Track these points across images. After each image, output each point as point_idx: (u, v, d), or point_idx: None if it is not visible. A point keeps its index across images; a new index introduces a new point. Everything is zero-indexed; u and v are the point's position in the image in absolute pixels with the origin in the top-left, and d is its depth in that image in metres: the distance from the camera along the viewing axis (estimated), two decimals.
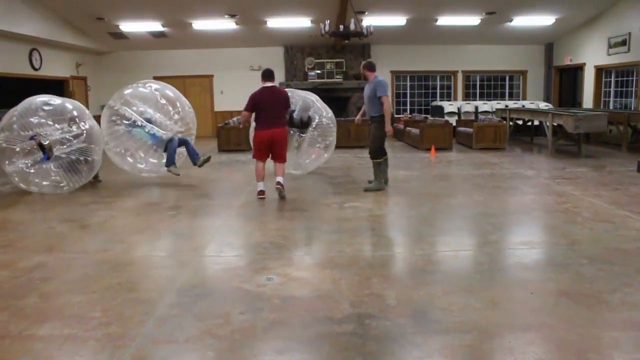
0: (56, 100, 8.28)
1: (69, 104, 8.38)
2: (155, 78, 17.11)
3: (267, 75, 7.38)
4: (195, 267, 4.65)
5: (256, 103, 7.23)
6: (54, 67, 14.54)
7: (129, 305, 3.84)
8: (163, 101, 8.88)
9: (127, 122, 8.64)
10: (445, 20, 14.72)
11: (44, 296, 4.03)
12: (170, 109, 8.89)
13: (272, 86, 7.33)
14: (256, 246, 5.18)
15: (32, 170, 7.94)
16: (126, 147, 8.74)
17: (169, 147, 8.69)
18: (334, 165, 10.48)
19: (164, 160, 8.78)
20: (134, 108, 8.73)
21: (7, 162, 7.96)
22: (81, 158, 8.06)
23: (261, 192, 7.42)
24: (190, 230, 6.04)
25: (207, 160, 8.88)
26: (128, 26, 14.83)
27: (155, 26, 14.97)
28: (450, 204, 6.94)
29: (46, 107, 8.06)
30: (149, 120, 8.69)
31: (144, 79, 16.89)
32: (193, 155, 8.84)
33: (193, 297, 3.91)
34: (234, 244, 5.36)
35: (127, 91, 9.01)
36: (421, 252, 4.89)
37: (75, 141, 8.00)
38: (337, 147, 13.05)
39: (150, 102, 8.85)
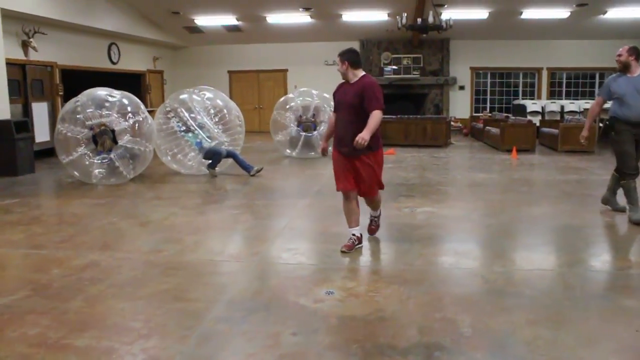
0: (116, 93, 8.34)
1: (126, 98, 8.44)
2: (230, 72, 17.23)
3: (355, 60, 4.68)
4: (250, 275, 4.28)
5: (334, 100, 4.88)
6: (132, 61, 14.75)
7: (173, 316, 3.51)
8: (212, 110, 9.20)
9: (180, 124, 8.86)
10: (531, 13, 13.74)
11: (90, 300, 3.78)
12: (216, 119, 9.22)
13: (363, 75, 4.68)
14: (318, 253, 4.76)
15: (95, 161, 7.98)
16: (170, 148, 8.95)
17: (214, 156, 8.86)
18: (407, 165, 9.92)
19: (204, 160, 8.97)
20: (188, 114, 8.96)
21: (64, 155, 8.05)
22: (135, 149, 8.19)
23: (350, 245, 4.74)
24: (250, 231, 5.70)
25: (260, 170, 8.92)
26: (203, 20, 14.82)
27: (230, 20, 14.89)
28: (533, 213, 6.26)
29: (110, 99, 8.13)
30: (200, 127, 8.93)
31: (218, 73, 17.11)
32: (245, 166, 8.90)
33: (244, 311, 3.52)
34: (295, 249, 4.95)
35: (182, 96, 9.17)
36: (501, 269, 4.30)
37: (128, 134, 8.09)
38: (413, 145, 12.60)
39: (201, 109, 9.09)
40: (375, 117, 4.47)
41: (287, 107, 11.11)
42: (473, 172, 9.37)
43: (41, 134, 11.10)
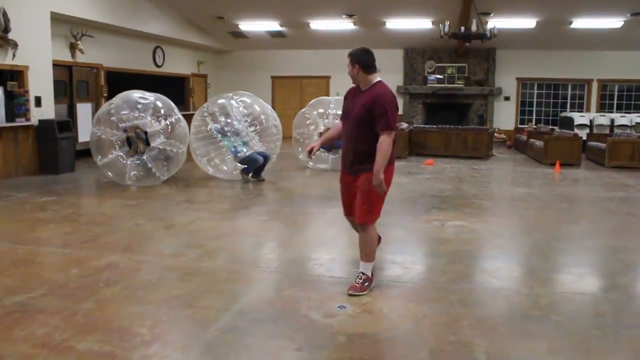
0: (149, 96, 8.41)
1: (159, 101, 8.49)
2: (273, 78, 17.27)
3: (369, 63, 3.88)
4: (265, 284, 4.18)
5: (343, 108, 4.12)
6: (176, 64, 14.96)
7: (180, 323, 3.43)
8: (248, 118, 9.10)
9: (217, 127, 8.80)
10: (581, 22, 13.23)
11: (101, 302, 3.74)
12: (253, 127, 9.12)
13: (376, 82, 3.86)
14: (339, 265, 4.61)
15: (127, 162, 8.08)
16: (207, 152, 8.90)
17: (250, 163, 8.74)
18: (445, 176, 9.65)
19: (239, 164, 8.84)
20: (225, 119, 8.91)
21: (100, 156, 8.17)
22: (168, 150, 8.24)
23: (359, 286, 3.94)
24: (274, 239, 5.62)
25: (258, 180, 8.82)
26: (247, 25, 14.90)
27: (274, 25, 14.92)
28: (571, 231, 5.94)
29: (142, 101, 8.22)
30: (236, 133, 8.85)
31: (261, 78, 17.17)
32: (259, 168, 8.81)
33: (251, 322, 3.41)
34: (316, 260, 4.83)
35: (220, 100, 9.14)
36: (528, 290, 4.05)
37: (161, 136, 8.16)
38: (453, 156, 12.30)
39: (239, 115, 9.02)
40: (384, 147, 3.66)
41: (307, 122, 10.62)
42: (512, 186, 9.04)
43: (84, 134, 11.32)
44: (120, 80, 12.23)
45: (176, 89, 15.25)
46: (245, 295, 3.91)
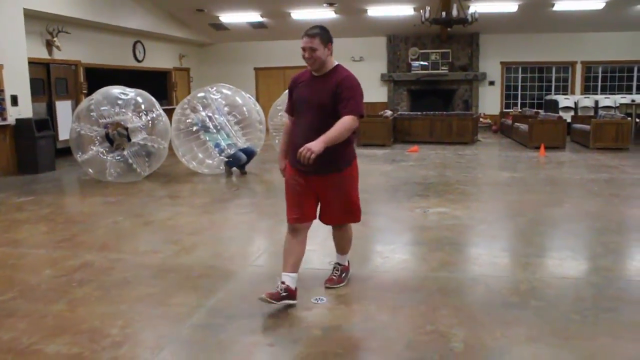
0: (129, 91, 8.25)
1: (140, 96, 8.35)
2: (256, 69, 17.10)
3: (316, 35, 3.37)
4: (242, 279, 4.09)
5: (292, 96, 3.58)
6: (157, 58, 14.76)
7: (152, 322, 3.35)
8: (226, 109, 8.90)
9: (199, 121, 8.61)
10: (563, 4, 13.15)
11: (72, 303, 3.64)
12: (231, 118, 8.90)
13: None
14: (318, 256, 4.52)
15: (108, 158, 7.94)
16: (190, 149, 8.73)
17: (234, 160, 8.59)
18: (429, 163, 9.59)
19: (224, 158, 8.65)
20: (206, 113, 8.70)
21: (80, 152, 8.02)
22: (149, 146, 8.12)
23: (275, 294, 3.38)
24: (254, 232, 5.53)
25: (241, 173, 8.70)
26: (228, 17, 14.72)
27: (254, 17, 14.75)
28: (554, 214, 5.89)
29: (122, 97, 8.06)
30: (218, 128, 8.65)
31: (244, 70, 17.01)
32: (242, 164, 8.65)
33: (225, 318, 3.33)
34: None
35: (200, 94, 8.96)
36: (508, 276, 4.00)
37: (143, 132, 8.01)
38: (438, 143, 12.24)
39: (220, 108, 8.85)
40: (346, 123, 3.20)
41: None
42: (496, 171, 8.99)
43: (65, 132, 11.14)
44: (100, 77, 12.03)
45: (158, 83, 15.07)
46: (221, 291, 3.82)
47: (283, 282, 3.39)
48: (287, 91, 3.66)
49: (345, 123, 3.22)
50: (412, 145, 11.65)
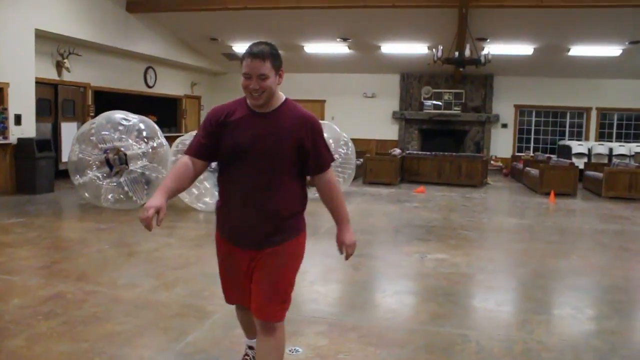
0: (132, 117, 8.14)
1: (143, 123, 8.22)
2: None
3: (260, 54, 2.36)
4: (217, 321, 3.84)
5: (216, 136, 2.50)
6: (168, 85, 14.78)
7: None
8: None
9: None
10: (579, 50, 13.01)
11: (32, 339, 3.41)
12: None
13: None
14: (300, 301, 4.27)
15: (103, 184, 7.78)
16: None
17: None
18: (434, 205, 9.34)
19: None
20: None
21: (78, 175, 7.87)
22: (148, 174, 7.96)
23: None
24: None
25: None
26: (241, 47, 14.73)
27: None
28: (559, 266, 5.59)
29: (124, 122, 7.92)
30: None
31: None
32: None
33: None
34: None
35: None
36: (503, 334, 3.70)
37: (143, 159, 7.85)
38: (446, 184, 11.98)
39: None
40: (339, 186, 2.62)
41: None
42: (502, 216, 8.70)
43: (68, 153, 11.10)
44: (109, 100, 12.04)
45: (168, 110, 15.08)
46: (192, 333, 3.57)
47: (251, 348, 2.89)
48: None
49: (336, 185, 2.56)
50: (419, 186, 11.43)
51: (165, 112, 14.73)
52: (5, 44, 8.88)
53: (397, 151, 12.97)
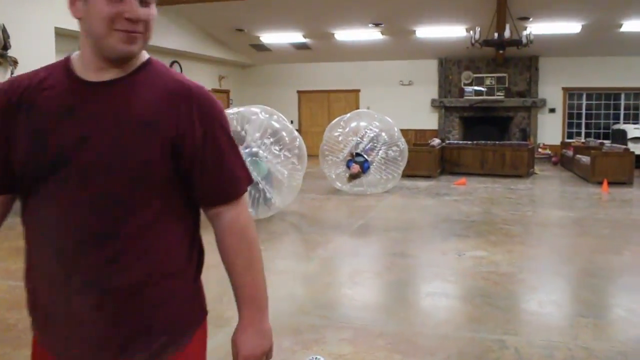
0: None
1: None
2: (299, 92, 17.03)
3: None
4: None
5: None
6: (195, 79, 14.57)
7: None
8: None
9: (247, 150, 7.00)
10: (632, 25, 12.45)
11: None
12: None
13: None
14: (325, 305, 4.18)
15: None
16: None
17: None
18: (475, 198, 9.12)
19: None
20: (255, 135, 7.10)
21: None
22: None
23: None
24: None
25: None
26: (269, 37, 14.73)
27: (297, 37, 14.71)
28: (610, 264, 5.34)
29: None
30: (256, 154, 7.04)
31: (287, 93, 16.97)
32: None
33: None
34: (299, 297, 4.42)
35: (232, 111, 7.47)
36: (544, 340, 3.53)
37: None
38: (489, 175, 11.71)
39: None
40: (256, 243, 1.39)
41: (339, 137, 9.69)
42: (549, 209, 8.41)
43: None
44: None
45: None
46: (211, 340, 3.52)
47: None
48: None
49: (255, 238, 1.39)
50: (460, 178, 11.18)
51: None
52: (25, 44, 9.03)
53: (437, 141, 12.73)
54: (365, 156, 9.48)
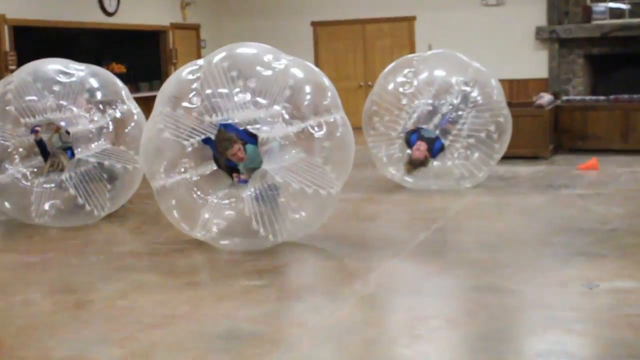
0: (78, 69, 8.37)
1: (95, 77, 8.44)
2: (314, 24, 17.22)
3: None
4: None
5: None
6: (141, 10, 15.09)
7: None
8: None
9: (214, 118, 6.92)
10: None
11: None
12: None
13: None
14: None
15: (35, 187, 8.06)
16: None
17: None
18: (614, 191, 9.22)
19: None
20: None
21: None
22: (111, 165, 8.21)
23: None
24: (254, 326, 5.22)
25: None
26: None
27: None
28: None
29: (63, 79, 8.18)
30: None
31: (295, 26, 17.18)
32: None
33: None
34: None
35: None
36: None
37: (100, 140, 8.06)
38: (637, 152, 11.73)
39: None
40: None
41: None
42: None
43: None
44: (42, 42, 12.38)
45: (144, 51, 15.38)
46: None
47: None
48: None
49: None
50: (589, 158, 11.23)
51: (139, 55, 15.02)
52: None
53: (547, 98, 12.76)
54: (437, 132, 9.34)
